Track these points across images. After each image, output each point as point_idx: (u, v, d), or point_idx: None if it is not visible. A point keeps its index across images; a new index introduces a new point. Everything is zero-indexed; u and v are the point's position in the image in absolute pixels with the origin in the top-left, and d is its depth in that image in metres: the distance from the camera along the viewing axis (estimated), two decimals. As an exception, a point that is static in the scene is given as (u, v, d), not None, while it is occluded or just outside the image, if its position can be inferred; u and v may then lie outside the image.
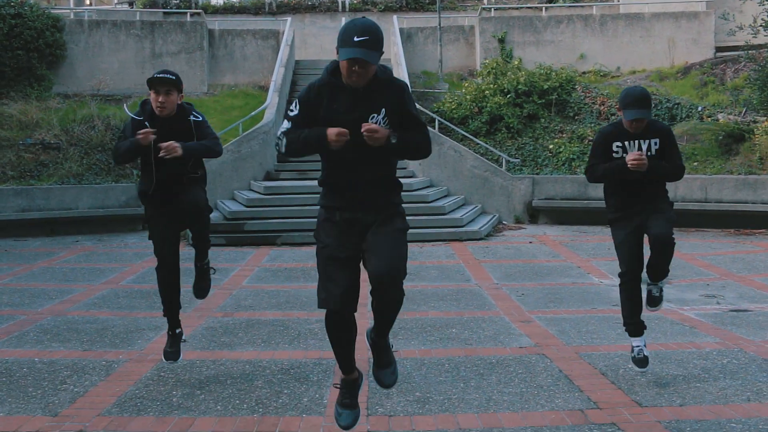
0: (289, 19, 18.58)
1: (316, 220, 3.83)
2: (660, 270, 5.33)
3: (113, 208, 13.15)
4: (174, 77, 5.06)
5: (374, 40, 3.48)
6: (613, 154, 5.11)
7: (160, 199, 5.24)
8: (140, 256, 10.85)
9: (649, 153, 5.06)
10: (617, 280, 8.95)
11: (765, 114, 13.69)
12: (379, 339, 3.96)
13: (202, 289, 5.82)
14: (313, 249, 12.06)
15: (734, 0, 15.06)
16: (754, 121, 14.15)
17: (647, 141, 5.08)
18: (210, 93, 17.39)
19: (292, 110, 3.70)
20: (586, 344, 6.16)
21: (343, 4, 21.00)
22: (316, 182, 4.00)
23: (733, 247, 11.25)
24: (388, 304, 3.73)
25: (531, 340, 6.28)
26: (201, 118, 5.30)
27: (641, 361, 5.20)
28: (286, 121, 3.71)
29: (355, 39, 3.43)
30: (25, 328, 6.81)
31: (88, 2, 26.60)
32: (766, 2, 13.16)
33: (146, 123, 5.04)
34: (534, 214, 14.19)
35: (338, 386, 3.93)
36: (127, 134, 5.14)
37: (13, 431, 4.31)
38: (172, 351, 5.41)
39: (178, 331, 5.47)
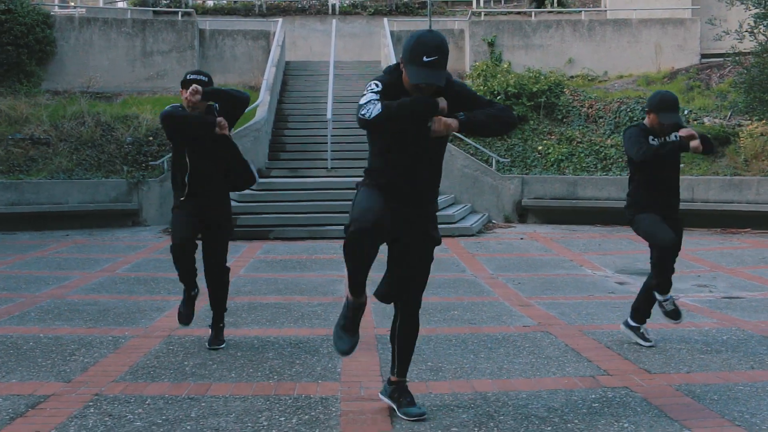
0: (280, 20, 18.62)
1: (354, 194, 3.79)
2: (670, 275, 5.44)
3: (103, 203, 13.09)
4: (207, 78, 5.21)
5: (444, 59, 3.46)
6: (651, 144, 5.25)
7: (192, 207, 5.23)
8: (133, 248, 10.83)
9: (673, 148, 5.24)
10: (610, 273, 9.15)
11: (750, 117, 13.93)
12: (401, 378, 4.00)
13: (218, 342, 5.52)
14: (306, 243, 12.03)
15: (719, 7, 15.32)
16: (739, 125, 14.39)
17: (669, 136, 5.30)
18: (200, 92, 17.38)
19: (373, 88, 3.60)
20: (588, 324, 6.25)
21: (333, 7, 21.11)
22: (306, 179, 4.15)
23: (720, 243, 11.42)
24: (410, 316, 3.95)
25: (533, 321, 6.36)
26: (214, 107, 5.36)
27: (674, 313, 5.43)
28: (370, 93, 3.59)
29: (425, 59, 3.41)
30: (26, 308, 6.78)
31: (72, 3, 26.51)
32: (751, 8, 13.42)
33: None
34: (523, 214, 14.30)
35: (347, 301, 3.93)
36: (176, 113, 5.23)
37: (28, 395, 4.31)
38: (186, 313, 5.45)
39: (194, 292, 5.44)
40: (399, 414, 3.88)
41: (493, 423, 3.82)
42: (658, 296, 5.46)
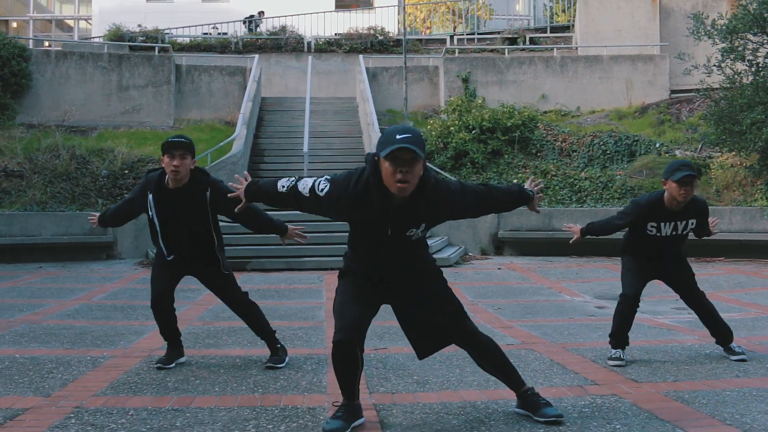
0: (256, 56, 18.76)
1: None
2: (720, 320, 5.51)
3: (77, 236, 12.91)
4: (188, 140, 4.99)
5: (417, 138, 3.44)
6: (647, 232, 5.25)
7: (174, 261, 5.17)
8: (109, 279, 10.68)
9: (684, 231, 5.28)
10: (588, 298, 9.19)
11: (720, 149, 14.20)
12: (521, 389, 4.01)
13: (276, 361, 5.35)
14: (284, 274, 11.98)
15: (687, 43, 15.70)
16: (710, 156, 14.66)
17: (684, 221, 5.20)
18: (176, 127, 17.36)
19: (322, 189, 3.63)
20: (571, 342, 6.25)
21: (309, 44, 21.30)
22: (283, 211, 4.22)
23: (696, 270, 11.45)
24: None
25: (517, 340, 6.34)
26: (220, 188, 5.04)
27: (616, 360, 5.28)
28: (312, 180, 3.69)
29: (398, 137, 3.41)
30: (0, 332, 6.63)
31: (47, 44, 26.48)
32: (718, 42, 13.76)
33: (150, 197, 5.02)
34: (499, 246, 14.35)
35: (336, 404, 3.88)
36: (134, 199, 5.21)
37: (6, 408, 4.19)
38: (166, 358, 5.29)
39: (174, 357, 5.32)
40: (535, 418, 3.83)
41: (485, 427, 3.79)
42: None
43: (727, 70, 13.64)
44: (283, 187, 3.79)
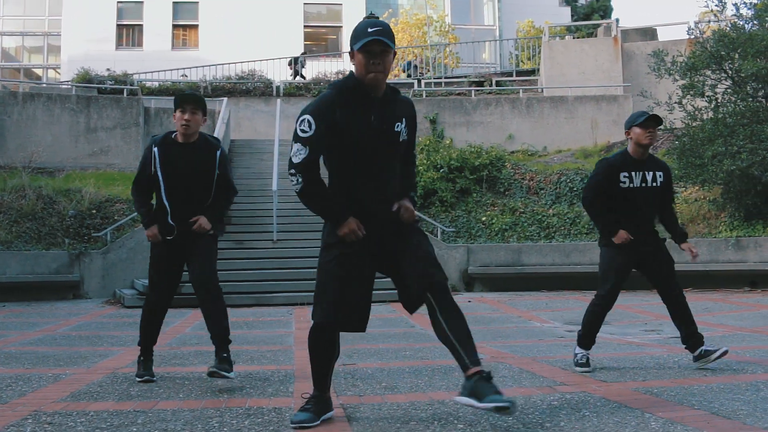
0: (225, 99, 18.83)
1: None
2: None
3: (43, 275, 12.68)
4: (200, 96, 4.98)
5: (387, 30, 3.51)
6: (620, 184, 5.23)
7: (171, 241, 5.01)
8: (74, 314, 10.48)
9: (654, 184, 5.27)
10: (558, 324, 9.20)
11: (685, 183, 14.44)
12: (476, 367, 3.57)
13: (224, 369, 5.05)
14: (252, 309, 11.82)
15: (649, 80, 16.10)
16: (675, 191, 14.88)
17: (651, 172, 5.26)
18: (144, 169, 17.28)
19: (305, 131, 3.52)
20: (541, 356, 6.23)
21: (278, 89, 21.47)
22: (252, 250, 4.13)
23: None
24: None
25: (486, 355, 6.31)
26: (227, 156, 5.14)
27: (583, 365, 5.24)
28: (299, 145, 3.54)
29: (369, 30, 3.47)
30: (-41, 358, 6.45)
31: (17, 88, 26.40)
32: (678, 79, 14.13)
33: (155, 150, 4.93)
34: (470, 282, 14.35)
35: (306, 396, 3.83)
36: (145, 164, 4.99)
37: (-38, 415, 4.06)
38: (144, 374, 5.09)
39: (142, 358, 5.17)
40: (478, 405, 3.37)
41: (453, 418, 3.75)
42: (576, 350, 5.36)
43: (687, 106, 13.98)
44: (297, 177, 3.64)
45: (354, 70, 3.60)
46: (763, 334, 7.45)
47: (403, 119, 3.67)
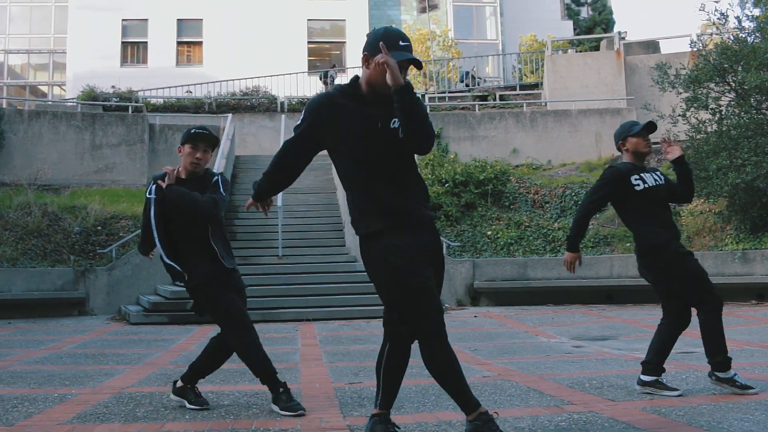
0: (229, 115, 18.89)
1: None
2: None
3: (49, 292, 12.70)
4: (214, 134, 4.79)
5: (412, 46, 3.56)
6: (635, 188, 4.98)
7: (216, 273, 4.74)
8: (80, 331, 10.47)
9: (660, 182, 5.09)
10: (565, 339, 9.17)
11: (689, 196, 14.42)
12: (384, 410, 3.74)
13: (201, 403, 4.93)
14: (259, 325, 11.93)
15: (652, 93, 16.10)
16: (680, 204, 14.87)
17: (651, 173, 5.09)
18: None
19: (297, 124, 3.65)
20: (548, 373, 6.20)
21: (282, 104, 21.54)
22: (257, 266, 4.09)
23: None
24: None
25: (493, 372, 6.29)
26: (227, 178, 4.95)
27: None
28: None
29: (401, 44, 3.47)
30: (-35, 378, 6.45)
31: (20, 106, 26.52)
32: (681, 92, 14.13)
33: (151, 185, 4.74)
34: (476, 297, 14.31)
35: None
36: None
37: (-31, 438, 4.06)
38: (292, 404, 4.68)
39: (281, 390, 4.75)
40: None
41: (461, 439, 3.73)
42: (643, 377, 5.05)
43: (691, 119, 13.98)
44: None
45: (366, 72, 3.54)
46: (771, 349, 7.41)
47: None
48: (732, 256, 13.05)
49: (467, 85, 24.56)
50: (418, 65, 3.48)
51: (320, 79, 25.42)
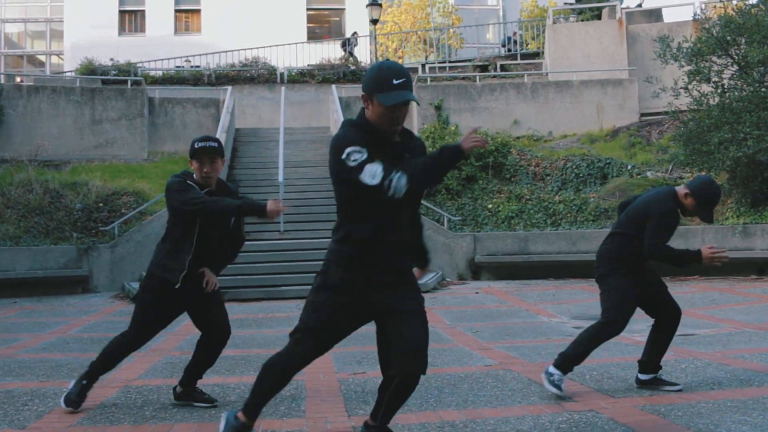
0: (229, 88, 18.82)
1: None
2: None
3: (52, 270, 12.78)
4: (216, 144, 4.67)
5: (410, 81, 3.39)
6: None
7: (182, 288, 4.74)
8: (84, 312, 10.57)
9: None
10: (566, 319, 9.24)
11: (690, 169, 14.43)
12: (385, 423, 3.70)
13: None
14: (262, 304, 11.86)
15: (654, 66, 16.01)
16: (681, 177, 14.88)
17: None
18: (150, 159, 17.33)
19: (355, 158, 3.28)
20: (548, 361, 6.26)
21: (282, 75, 21.42)
22: (259, 242, 3.98)
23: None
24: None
25: (494, 361, 6.38)
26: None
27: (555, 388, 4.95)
28: (364, 169, 3.26)
29: (395, 82, 3.32)
30: (-26, 368, 6.54)
31: (18, 79, 26.37)
32: (684, 65, 14.06)
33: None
34: (476, 270, 14.39)
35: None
36: (190, 190, 4.61)
37: (-19, 442, 4.14)
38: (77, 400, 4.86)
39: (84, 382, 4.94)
40: None
41: (464, 445, 3.81)
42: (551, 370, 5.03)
43: (693, 92, 13.92)
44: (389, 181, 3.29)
45: (367, 112, 3.45)
46: (769, 332, 7.49)
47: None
48: (732, 231, 13.10)
49: (509, 50, 24.41)
50: (407, 103, 3.36)
51: (342, 47, 25.23)
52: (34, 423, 4.50)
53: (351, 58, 23.46)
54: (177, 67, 23.43)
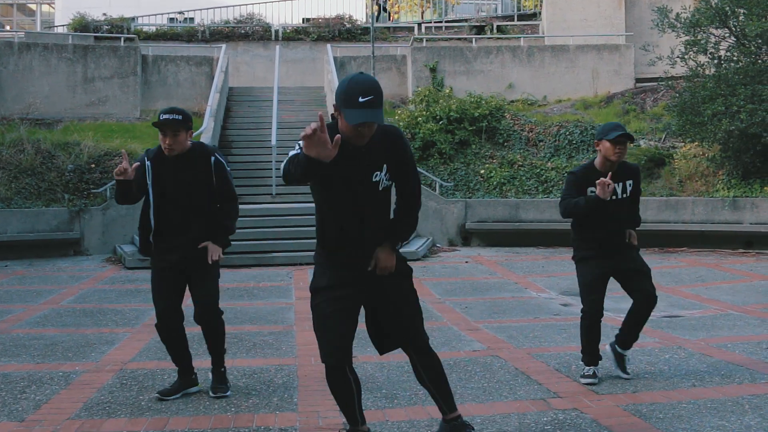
0: (223, 46, 18.63)
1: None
2: (639, 331, 5.35)
3: (44, 233, 12.82)
4: (180, 116, 4.69)
5: (379, 99, 3.38)
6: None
7: (166, 248, 4.85)
8: (76, 278, 10.65)
9: (624, 195, 5.13)
10: (554, 294, 9.37)
11: (683, 140, 14.46)
12: (453, 413, 3.92)
13: (221, 390, 5.10)
14: (252, 271, 11.91)
15: (652, 34, 15.91)
16: (673, 147, 14.93)
17: (621, 183, 5.10)
18: (143, 118, 17.23)
19: (292, 152, 3.40)
20: (536, 347, 6.41)
21: (276, 32, 21.19)
22: (251, 206, 4.02)
23: (659, 263, 11.77)
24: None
25: (482, 345, 6.50)
26: (223, 162, 4.93)
27: (590, 377, 5.21)
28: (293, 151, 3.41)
29: (360, 100, 3.31)
30: (-30, 344, 6.63)
31: (8, 27, 26.01)
32: (682, 35, 13.98)
33: (148, 163, 4.77)
34: (467, 237, 14.51)
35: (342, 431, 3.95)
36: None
37: (-20, 435, 4.25)
38: (169, 390, 5.03)
39: (193, 377, 5.14)
40: None
41: (451, 448, 3.92)
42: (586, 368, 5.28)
43: (690, 62, 13.87)
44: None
45: (337, 121, 3.51)
46: (753, 315, 7.63)
47: (384, 165, 3.57)
48: (722, 203, 13.20)
49: (381, 6, 24.00)
50: (371, 124, 3.39)
51: (375, 2, 24.78)
52: (33, 415, 4.59)
53: (384, 13, 22.94)
54: (170, 19, 23.13)
